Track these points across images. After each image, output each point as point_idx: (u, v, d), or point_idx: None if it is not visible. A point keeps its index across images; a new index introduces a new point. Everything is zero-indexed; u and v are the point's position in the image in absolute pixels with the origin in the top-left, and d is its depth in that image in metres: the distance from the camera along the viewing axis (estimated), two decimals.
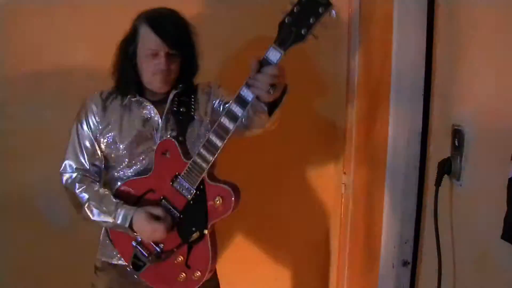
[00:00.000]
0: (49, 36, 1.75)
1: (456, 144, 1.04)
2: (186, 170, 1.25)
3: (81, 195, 1.31)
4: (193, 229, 1.27)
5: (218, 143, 1.19)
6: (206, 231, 1.27)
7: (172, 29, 1.27)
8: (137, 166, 1.34)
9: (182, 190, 1.27)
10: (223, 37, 1.79)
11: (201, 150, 1.22)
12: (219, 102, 1.40)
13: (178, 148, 1.28)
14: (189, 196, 1.26)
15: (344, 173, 1.97)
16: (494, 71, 0.93)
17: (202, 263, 1.29)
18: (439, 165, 1.08)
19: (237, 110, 1.16)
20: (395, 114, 1.33)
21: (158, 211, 1.27)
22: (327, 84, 1.94)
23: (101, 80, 1.36)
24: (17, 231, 1.84)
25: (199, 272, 1.28)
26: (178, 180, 1.27)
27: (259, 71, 1.11)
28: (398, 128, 1.31)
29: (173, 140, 1.29)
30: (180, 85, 1.35)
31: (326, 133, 1.97)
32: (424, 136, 1.23)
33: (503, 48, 0.90)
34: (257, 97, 1.15)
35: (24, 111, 1.78)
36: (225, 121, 1.18)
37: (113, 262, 1.37)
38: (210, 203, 1.25)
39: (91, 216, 1.29)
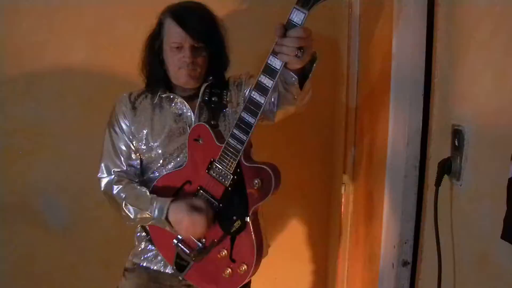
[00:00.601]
0: (49, 36, 1.75)
1: (456, 144, 1.04)
2: (221, 154, 1.20)
3: (118, 196, 1.29)
4: (234, 217, 1.21)
5: (251, 120, 1.14)
6: (248, 219, 1.20)
7: (197, 21, 1.25)
8: (173, 164, 1.32)
9: (219, 176, 1.21)
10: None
11: (234, 130, 1.16)
12: (250, 91, 1.36)
13: (211, 132, 1.23)
14: (226, 182, 1.21)
15: (344, 173, 1.97)
16: (494, 71, 0.93)
17: (248, 255, 1.22)
18: (439, 165, 1.08)
19: (266, 81, 1.10)
20: (395, 113, 1.33)
21: (199, 202, 1.22)
22: (327, 83, 1.94)
23: (101, 80, 1.36)
24: (17, 231, 1.84)
25: (245, 266, 1.22)
26: (213, 166, 1.22)
27: (284, 35, 1.05)
28: (398, 128, 1.31)
29: (204, 124, 1.25)
30: (210, 78, 1.33)
31: (326, 133, 1.97)
32: (424, 136, 1.23)
33: (503, 48, 0.90)
34: (286, 66, 1.09)
35: (24, 111, 1.78)
36: (255, 95, 1.12)
37: (145, 265, 1.36)
38: (249, 186, 1.19)
39: (130, 215, 1.27)
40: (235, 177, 1.20)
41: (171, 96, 1.33)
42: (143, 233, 1.38)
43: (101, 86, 1.41)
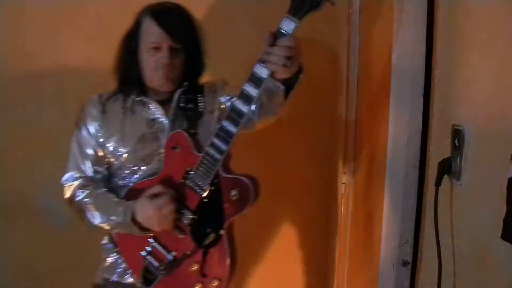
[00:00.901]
0: (49, 36, 1.75)
1: (456, 144, 1.04)
2: (199, 163, 1.15)
3: (82, 201, 1.24)
4: (208, 230, 1.17)
5: (233, 129, 1.10)
6: (222, 232, 1.16)
7: (177, 22, 1.22)
8: (143, 171, 1.25)
9: (195, 187, 1.17)
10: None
11: (214, 139, 1.12)
12: (226, 98, 1.33)
13: (190, 141, 1.19)
14: (202, 193, 1.16)
15: (344, 173, 1.97)
16: (494, 71, 0.93)
17: (220, 270, 1.17)
18: (439, 165, 1.08)
19: (251, 90, 1.07)
20: (395, 114, 1.33)
21: (155, 188, 1.18)
22: (327, 84, 1.94)
23: (101, 80, 1.36)
24: (17, 231, 1.83)
25: (217, 282, 1.17)
26: (190, 176, 1.17)
27: (273, 44, 1.04)
28: (398, 128, 1.31)
29: (183, 132, 1.20)
30: (186, 83, 1.28)
31: (326, 133, 1.97)
32: (424, 136, 1.23)
33: (503, 48, 0.90)
34: (272, 75, 1.07)
35: (24, 111, 1.78)
36: (239, 104, 1.09)
37: (116, 280, 1.29)
38: (226, 198, 1.15)
39: (93, 220, 1.22)
40: (212, 188, 1.16)
41: (144, 100, 1.27)
42: (111, 244, 1.31)
43: (101, 86, 1.40)
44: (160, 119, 1.26)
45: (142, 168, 1.25)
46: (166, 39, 1.20)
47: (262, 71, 1.07)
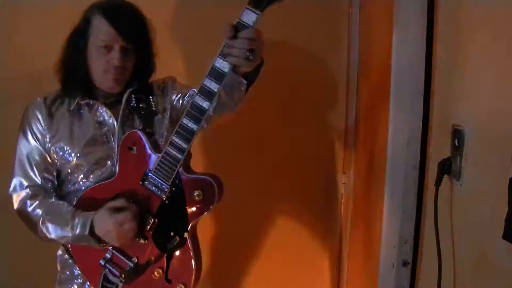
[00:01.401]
0: (49, 36, 1.75)
1: (456, 144, 1.04)
2: (158, 164, 1.10)
3: (34, 213, 1.16)
4: (172, 233, 1.12)
5: (193, 126, 1.05)
6: (186, 234, 1.11)
7: (129, 21, 1.16)
8: (96, 175, 1.19)
9: (155, 189, 1.12)
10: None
11: (174, 138, 1.07)
12: (177, 96, 1.28)
13: (146, 141, 1.14)
14: (163, 195, 1.11)
15: (344, 173, 1.97)
16: (494, 71, 0.92)
17: (185, 274, 1.12)
18: (439, 165, 1.08)
19: (213, 85, 1.02)
20: (395, 114, 1.33)
21: (118, 202, 1.12)
22: (327, 84, 1.94)
23: None
24: (17, 231, 1.83)
25: (182, 286, 1.12)
26: (149, 177, 1.12)
27: (234, 37, 0.98)
28: (398, 128, 1.30)
29: (139, 132, 1.15)
30: (135, 83, 1.23)
31: (326, 133, 1.97)
32: (424, 136, 1.23)
33: (503, 47, 0.90)
34: (233, 69, 1.03)
35: None
36: (199, 100, 1.04)
37: None
38: (188, 199, 1.10)
39: (48, 234, 1.14)
40: (173, 189, 1.11)
41: (91, 103, 1.21)
42: (66, 255, 1.26)
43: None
44: (109, 121, 1.21)
45: (94, 171, 1.20)
46: (117, 39, 1.14)
47: (223, 65, 1.02)
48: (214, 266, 1.90)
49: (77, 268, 1.24)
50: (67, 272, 1.26)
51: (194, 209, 1.11)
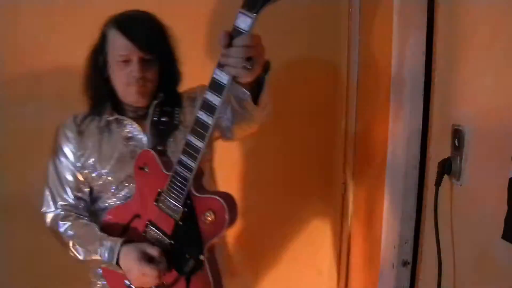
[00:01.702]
0: (49, 36, 1.75)
1: (456, 144, 1.04)
2: (169, 184, 1.06)
3: (65, 234, 1.17)
4: (187, 256, 1.08)
5: (199, 144, 0.99)
6: (202, 257, 1.06)
7: (144, 30, 1.13)
8: (125, 193, 1.19)
9: (169, 210, 1.08)
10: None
11: (181, 156, 1.03)
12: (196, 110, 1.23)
13: (158, 160, 1.10)
14: (176, 216, 1.07)
15: (344, 173, 1.97)
16: (494, 71, 0.92)
17: None
18: (439, 165, 1.08)
19: (213, 99, 0.95)
20: (395, 114, 1.33)
21: (153, 250, 1.09)
22: (327, 84, 1.94)
23: None
24: (17, 231, 1.83)
25: None
26: (162, 198, 1.09)
27: (230, 45, 0.91)
28: (398, 128, 1.30)
29: (150, 150, 1.12)
30: (161, 95, 1.20)
31: (326, 133, 1.97)
32: (424, 136, 1.23)
33: (503, 47, 0.90)
34: (235, 80, 0.95)
35: (24, 111, 1.78)
36: (201, 115, 0.98)
37: None
38: (201, 220, 1.05)
39: (78, 256, 1.16)
40: (186, 209, 1.06)
41: (119, 118, 1.19)
42: (100, 270, 1.26)
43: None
44: (139, 136, 1.20)
45: (124, 189, 1.19)
46: (134, 51, 1.11)
47: (222, 77, 0.94)
48: None
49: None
50: (101, 284, 1.28)
51: (206, 230, 1.05)
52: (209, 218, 1.04)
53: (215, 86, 0.95)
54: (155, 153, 1.11)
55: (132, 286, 1.14)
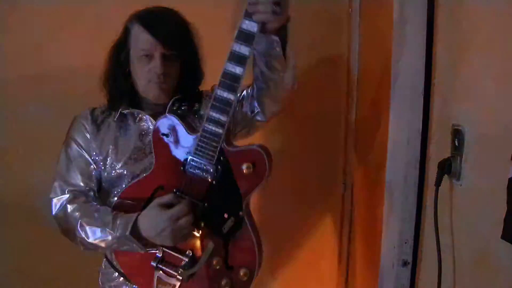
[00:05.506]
0: (49, 36, 1.75)
1: (456, 144, 1.04)
2: (198, 144, 1.03)
3: (73, 215, 1.12)
4: (225, 215, 1.04)
5: (230, 96, 0.98)
6: (241, 213, 1.04)
7: (167, 26, 1.13)
8: None
9: (199, 172, 1.04)
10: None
11: (211, 112, 1.01)
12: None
13: (180, 123, 1.08)
14: (210, 177, 1.04)
15: (344, 173, 1.97)
16: (494, 71, 0.93)
17: (248, 257, 1.05)
18: (439, 165, 1.08)
19: (242, 49, 0.95)
20: (395, 113, 1.33)
21: (165, 198, 1.05)
22: (327, 83, 1.94)
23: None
24: (17, 231, 1.83)
25: (245, 270, 1.05)
26: (190, 161, 1.05)
27: None
28: (398, 128, 1.31)
29: (172, 115, 1.10)
30: (180, 93, 1.20)
31: (326, 132, 1.97)
32: (424, 136, 1.23)
33: (503, 48, 0.90)
34: (262, 30, 0.96)
35: (24, 111, 1.78)
36: (230, 66, 0.97)
37: None
38: (238, 174, 1.02)
39: (86, 238, 1.09)
40: (219, 167, 1.04)
41: (135, 113, 1.19)
42: (110, 269, 1.22)
43: (102, 87, 1.40)
44: None
45: None
46: (157, 46, 1.11)
47: (251, 25, 0.95)
48: None
49: (123, 278, 1.20)
50: (113, 285, 1.23)
51: (246, 184, 1.03)
52: (249, 170, 1.02)
53: (244, 36, 0.95)
54: (177, 117, 1.09)
55: (160, 265, 1.07)
